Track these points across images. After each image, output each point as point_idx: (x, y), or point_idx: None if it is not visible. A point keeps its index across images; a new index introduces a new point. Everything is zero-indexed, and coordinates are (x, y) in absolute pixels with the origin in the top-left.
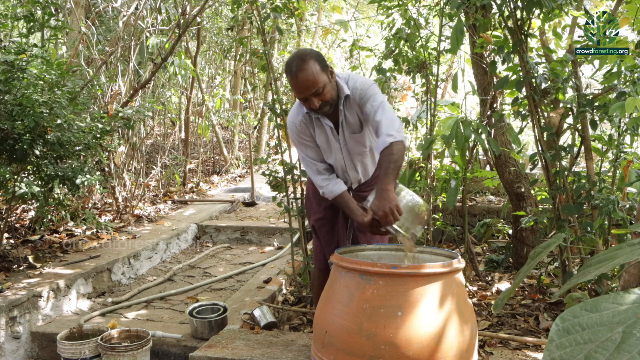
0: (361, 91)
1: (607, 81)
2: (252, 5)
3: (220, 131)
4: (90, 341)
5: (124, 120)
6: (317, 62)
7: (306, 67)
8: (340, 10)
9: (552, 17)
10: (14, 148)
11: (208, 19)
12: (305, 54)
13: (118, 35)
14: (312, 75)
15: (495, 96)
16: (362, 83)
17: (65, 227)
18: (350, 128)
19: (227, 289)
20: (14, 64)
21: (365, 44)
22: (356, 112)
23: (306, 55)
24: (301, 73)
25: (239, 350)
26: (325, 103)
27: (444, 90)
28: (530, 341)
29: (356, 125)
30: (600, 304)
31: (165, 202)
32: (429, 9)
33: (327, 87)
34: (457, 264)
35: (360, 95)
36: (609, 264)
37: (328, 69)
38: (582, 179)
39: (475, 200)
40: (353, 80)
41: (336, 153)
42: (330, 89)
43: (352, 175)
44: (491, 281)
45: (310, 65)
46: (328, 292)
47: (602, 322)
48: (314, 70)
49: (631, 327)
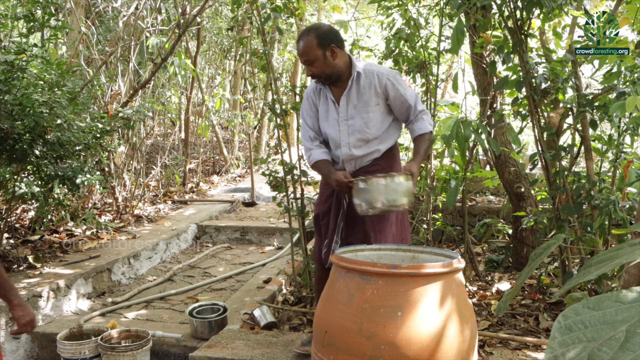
0: (388, 76)
1: (607, 81)
2: (252, 5)
3: (220, 131)
4: (90, 341)
5: (124, 120)
6: (317, 37)
7: (304, 38)
8: (340, 10)
9: (552, 17)
10: (14, 148)
11: (208, 19)
12: (312, 28)
13: (118, 35)
14: (306, 46)
15: (495, 96)
16: (388, 71)
17: (65, 227)
18: (358, 105)
19: (227, 289)
20: (14, 64)
21: (365, 44)
22: (374, 95)
23: (312, 29)
24: (300, 41)
25: (238, 350)
26: (315, 75)
27: (444, 90)
28: (530, 341)
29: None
30: (602, 302)
31: (165, 202)
32: (429, 9)
33: (318, 61)
34: (457, 264)
35: (389, 80)
36: (609, 264)
37: (328, 47)
38: (582, 179)
39: (475, 200)
40: (378, 68)
41: (334, 125)
42: (322, 64)
43: (344, 152)
44: (491, 281)
45: (308, 38)
46: (328, 292)
47: (605, 320)
48: (309, 43)
49: (635, 326)
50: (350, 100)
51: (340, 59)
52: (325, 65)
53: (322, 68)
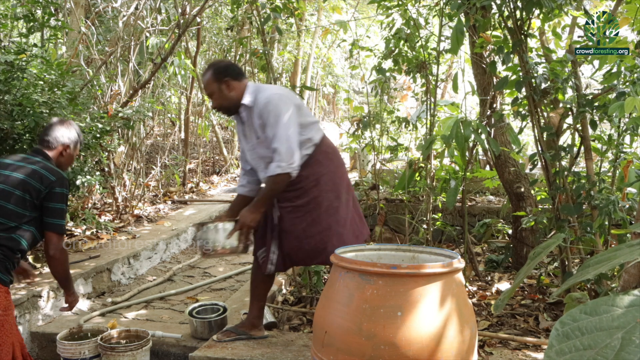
0: (261, 107)
1: (607, 81)
2: (252, 6)
3: (220, 131)
4: (90, 341)
5: (124, 120)
6: (214, 73)
7: (205, 74)
8: (340, 10)
9: (552, 17)
10: (13, 148)
11: (208, 19)
12: (212, 64)
13: (118, 35)
14: (205, 81)
15: (495, 96)
16: (265, 97)
17: (65, 227)
18: (255, 135)
19: (227, 289)
20: (13, 64)
21: (365, 44)
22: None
23: (211, 65)
24: (202, 77)
25: (238, 351)
26: (215, 107)
27: (443, 90)
28: (530, 341)
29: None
30: (599, 307)
31: (165, 202)
32: (428, 9)
33: (214, 94)
34: (457, 264)
35: (260, 112)
36: (608, 264)
37: (223, 80)
38: (581, 179)
39: (475, 200)
40: (262, 92)
41: (248, 153)
42: (219, 97)
43: (262, 177)
44: (491, 281)
45: (207, 74)
46: (328, 292)
47: (601, 327)
48: (207, 78)
49: (630, 333)
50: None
51: (237, 91)
52: (222, 98)
53: (219, 101)
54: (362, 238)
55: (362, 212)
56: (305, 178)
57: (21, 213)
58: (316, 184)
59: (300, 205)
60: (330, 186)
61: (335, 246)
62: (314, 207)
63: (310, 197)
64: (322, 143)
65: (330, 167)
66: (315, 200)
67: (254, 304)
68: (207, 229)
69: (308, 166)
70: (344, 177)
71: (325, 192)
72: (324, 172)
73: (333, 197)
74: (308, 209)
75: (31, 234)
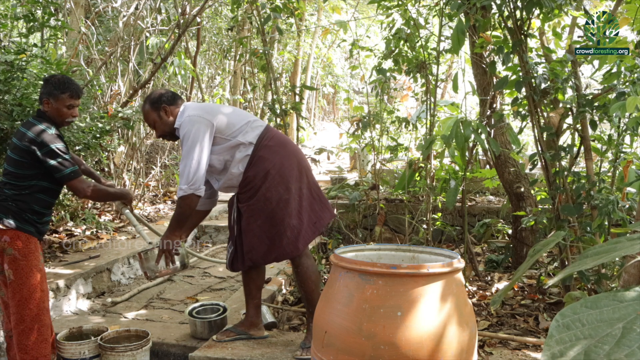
0: (180, 130)
1: (607, 81)
2: (252, 5)
3: None
4: (90, 341)
5: (124, 120)
6: (150, 103)
7: (142, 109)
8: (339, 10)
9: (552, 17)
10: None
11: (208, 19)
12: (147, 97)
13: (118, 36)
14: (144, 114)
15: (495, 96)
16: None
17: (65, 227)
18: None
19: (227, 289)
20: (13, 64)
21: (365, 44)
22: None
23: (146, 100)
24: (142, 111)
25: (238, 351)
26: (160, 136)
27: (443, 90)
28: (529, 341)
29: None
30: (600, 301)
31: (165, 202)
32: (428, 9)
33: (156, 123)
34: (457, 264)
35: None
36: (608, 255)
37: (161, 107)
38: (581, 179)
39: (475, 200)
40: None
41: None
42: (161, 125)
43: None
44: (491, 281)
45: (145, 107)
46: (328, 292)
47: (602, 319)
48: (145, 110)
49: (631, 323)
50: None
51: (174, 115)
52: (163, 124)
53: (162, 127)
54: (321, 224)
55: (324, 195)
56: (253, 178)
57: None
58: (264, 181)
59: (253, 204)
60: (277, 179)
61: (290, 239)
62: (265, 204)
63: (259, 195)
64: (262, 139)
65: (275, 160)
66: (265, 197)
67: (249, 302)
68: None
69: (251, 166)
70: (293, 167)
71: (274, 186)
72: (269, 167)
73: (283, 190)
74: (260, 206)
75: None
